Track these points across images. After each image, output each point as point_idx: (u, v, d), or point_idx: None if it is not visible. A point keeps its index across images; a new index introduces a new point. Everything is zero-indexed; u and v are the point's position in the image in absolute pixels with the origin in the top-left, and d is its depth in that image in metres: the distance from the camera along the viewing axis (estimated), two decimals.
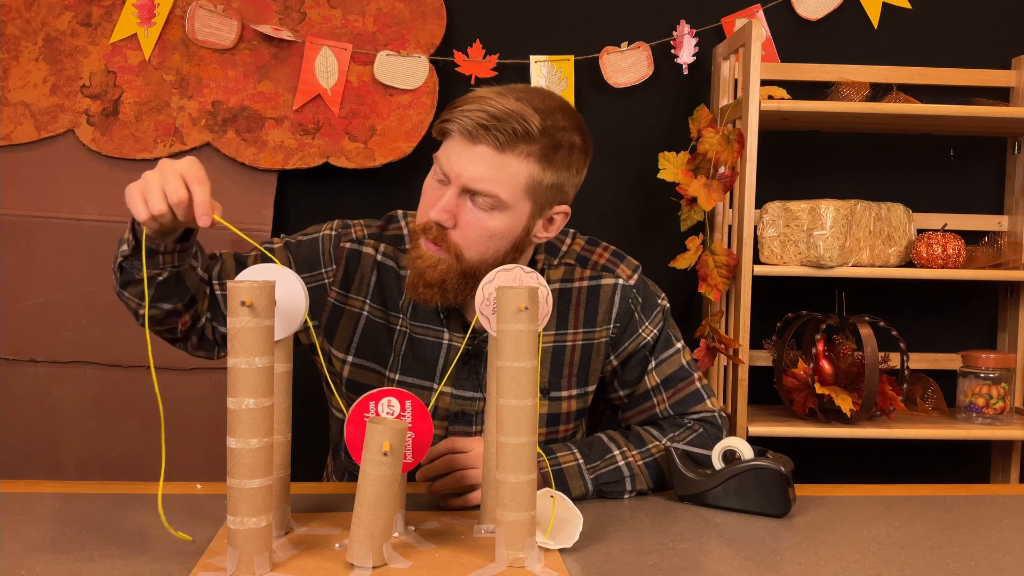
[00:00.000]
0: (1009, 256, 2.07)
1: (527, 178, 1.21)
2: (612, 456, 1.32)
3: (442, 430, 1.39)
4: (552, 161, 1.22)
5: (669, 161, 1.99)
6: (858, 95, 2.05)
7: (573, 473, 1.29)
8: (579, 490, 1.29)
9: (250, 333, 0.97)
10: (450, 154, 1.22)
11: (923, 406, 2.11)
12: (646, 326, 1.39)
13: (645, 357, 1.40)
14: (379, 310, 1.37)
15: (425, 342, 1.37)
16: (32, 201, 2.08)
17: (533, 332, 1.04)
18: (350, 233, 1.39)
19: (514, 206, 1.23)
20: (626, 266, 1.41)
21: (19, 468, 2.07)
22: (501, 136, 1.18)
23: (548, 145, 1.21)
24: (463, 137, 1.20)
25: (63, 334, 2.09)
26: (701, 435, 1.39)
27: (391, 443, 1.01)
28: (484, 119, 1.17)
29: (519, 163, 1.20)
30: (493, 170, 1.20)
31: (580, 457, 1.30)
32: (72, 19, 2.07)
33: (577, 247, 1.42)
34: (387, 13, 2.11)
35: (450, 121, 1.20)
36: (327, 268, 1.36)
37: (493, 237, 1.24)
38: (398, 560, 1.04)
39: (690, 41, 2.15)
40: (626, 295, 1.38)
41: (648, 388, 1.41)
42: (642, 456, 1.34)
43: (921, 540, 1.17)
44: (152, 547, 1.08)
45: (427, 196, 1.27)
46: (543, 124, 1.20)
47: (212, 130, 2.09)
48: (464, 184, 1.21)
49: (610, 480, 1.31)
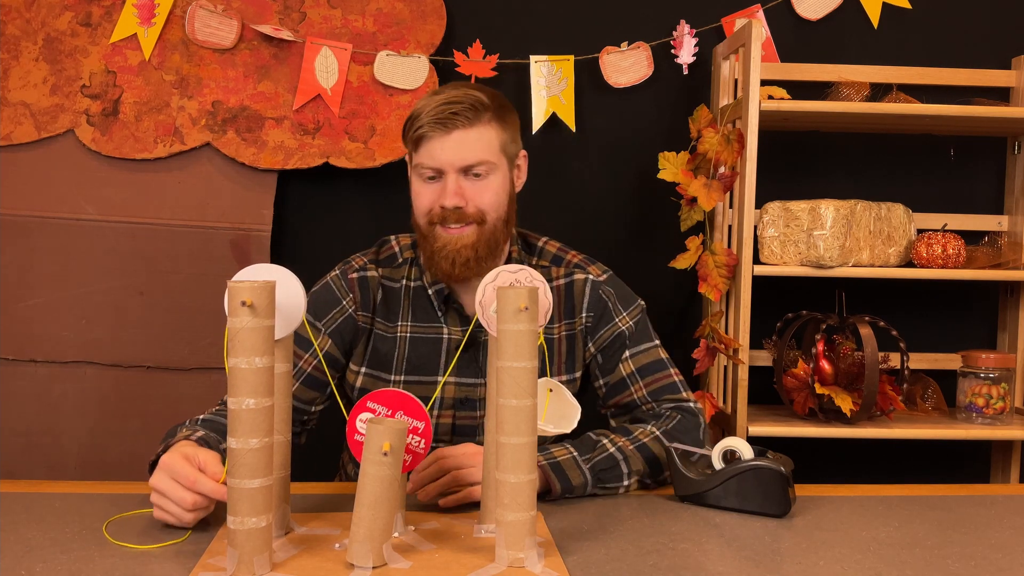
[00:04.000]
0: (1009, 256, 2.07)
1: (498, 139, 1.42)
2: (602, 445, 1.37)
3: (449, 418, 1.49)
4: (505, 120, 1.43)
5: (669, 161, 1.99)
6: (858, 95, 2.04)
7: (570, 465, 1.33)
8: (578, 479, 1.32)
9: (250, 333, 0.97)
10: (433, 151, 1.39)
11: (923, 406, 2.11)
12: (623, 316, 1.51)
13: (622, 345, 1.50)
14: (382, 323, 1.51)
15: (426, 340, 1.49)
16: (32, 201, 2.08)
17: (533, 332, 1.04)
18: (352, 265, 1.53)
19: (498, 163, 1.42)
20: (597, 267, 1.55)
21: (19, 468, 2.07)
22: (468, 114, 1.37)
23: (497, 108, 1.42)
24: (439, 132, 1.38)
25: (63, 334, 2.09)
26: (680, 423, 1.44)
27: (391, 443, 1.01)
28: (448, 110, 1.37)
29: (487, 130, 1.40)
30: (474, 143, 1.39)
31: (573, 450, 1.35)
32: (72, 19, 2.07)
33: (552, 248, 1.57)
34: (387, 13, 2.11)
35: (422, 127, 1.38)
36: (346, 299, 1.50)
37: (499, 193, 1.43)
38: (398, 560, 1.04)
39: (690, 41, 2.15)
40: (596, 287, 1.52)
41: (624, 376, 1.50)
42: (631, 442, 1.39)
43: (921, 540, 1.17)
44: (152, 547, 1.08)
45: (423, 195, 1.43)
46: (487, 95, 1.41)
47: (212, 130, 2.09)
48: (459, 165, 1.39)
49: (606, 467, 1.35)
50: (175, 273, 2.11)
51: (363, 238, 1.62)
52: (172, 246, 2.10)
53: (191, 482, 1.10)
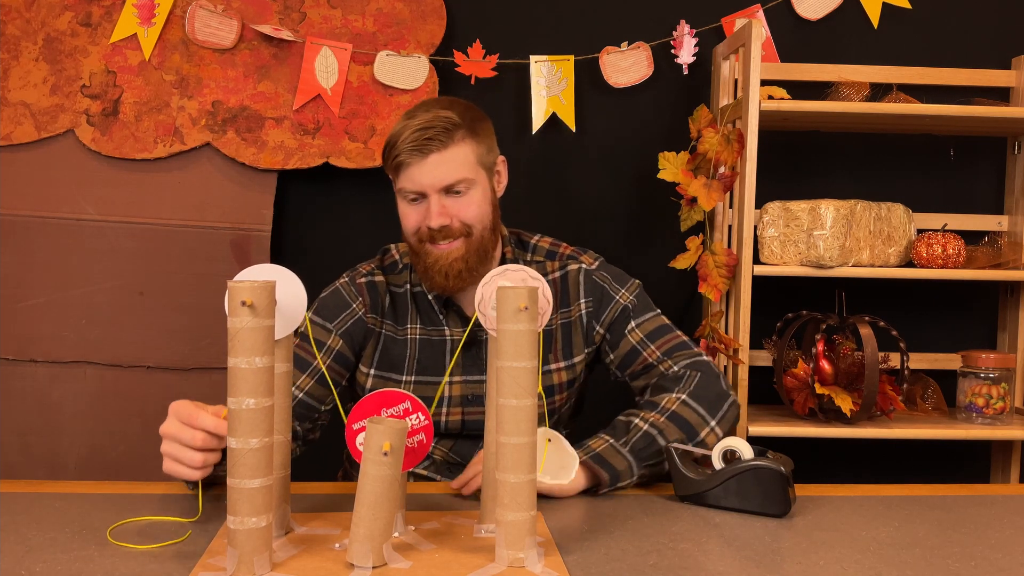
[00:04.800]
0: (1009, 256, 2.07)
1: (473, 154, 1.46)
2: (635, 425, 1.41)
3: (458, 415, 1.53)
4: (478, 133, 1.48)
5: (669, 161, 1.99)
6: (858, 95, 2.04)
7: (610, 452, 1.36)
8: (622, 464, 1.36)
9: (250, 333, 0.97)
10: (413, 176, 1.44)
11: (923, 406, 2.11)
12: (622, 292, 1.57)
13: (627, 318, 1.56)
14: (391, 326, 1.56)
15: (432, 342, 1.55)
16: (32, 201, 2.08)
17: (533, 332, 1.04)
18: (360, 272, 1.59)
19: (476, 177, 1.47)
20: (588, 256, 1.61)
21: (19, 468, 2.07)
22: (442, 137, 1.43)
23: (469, 123, 1.46)
24: (416, 158, 1.43)
25: (63, 334, 2.09)
26: (701, 380, 1.48)
27: (391, 443, 1.01)
28: (423, 136, 1.42)
29: (462, 147, 1.45)
30: (451, 163, 1.44)
31: (609, 438, 1.39)
32: (72, 19, 2.07)
33: (545, 244, 1.63)
34: (387, 13, 2.11)
35: (399, 155, 1.44)
36: (355, 302, 1.55)
37: (481, 205, 1.48)
38: (398, 560, 1.04)
39: (690, 41, 2.15)
40: (589, 275, 1.58)
41: (634, 344, 1.55)
42: (660, 413, 1.42)
43: (921, 540, 1.17)
44: (152, 547, 1.08)
45: (409, 217, 1.49)
46: (458, 113, 1.45)
47: (212, 130, 2.09)
48: (439, 186, 1.44)
49: (644, 445, 1.38)
50: (175, 273, 2.11)
51: (363, 238, 1.62)
52: (172, 246, 2.10)
53: (192, 418, 1.13)
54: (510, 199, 2.25)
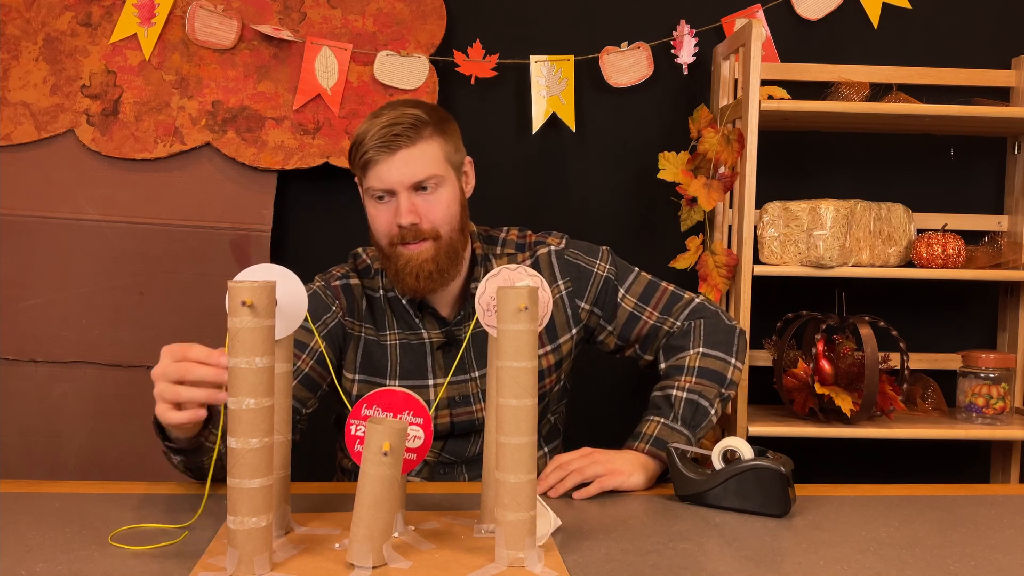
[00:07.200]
0: (1009, 256, 2.07)
1: (441, 151, 1.45)
2: (674, 396, 1.46)
3: (446, 417, 1.54)
4: (445, 131, 1.47)
5: (669, 161, 1.99)
6: (858, 95, 2.04)
7: (667, 433, 1.43)
8: (681, 438, 1.42)
9: (250, 333, 0.97)
10: (381, 173, 1.43)
11: (923, 406, 2.11)
12: (598, 264, 1.59)
13: (613, 288, 1.58)
14: (372, 330, 1.55)
15: (412, 346, 1.54)
16: (32, 201, 2.08)
17: (533, 332, 1.04)
18: (333, 275, 1.58)
19: (446, 175, 1.46)
20: (554, 237, 1.61)
21: (19, 468, 2.07)
22: (410, 133, 1.41)
23: (436, 122, 1.45)
24: (384, 155, 1.41)
25: (63, 334, 2.09)
26: (707, 326, 1.54)
27: (391, 443, 1.01)
28: (390, 132, 1.40)
29: (430, 144, 1.43)
30: (420, 160, 1.42)
31: (659, 419, 1.45)
32: (72, 19, 2.07)
33: (513, 236, 1.62)
34: (387, 13, 2.11)
35: (367, 152, 1.42)
36: (334, 305, 1.53)
37: (450, 205, 1.47)
38: (398, 560, 1.04)
39: (690, 41, 2.15)
40: (560, 255, 1.58)
41: (630, 311, 1.58)
42: (689, 375, 1.49)
43: (921, 540, 1.17)
44: (152, 547, 1.08)
45: (380, 217, 1.47)
46: (425, 111, 1.45)
47: (212, 130, 2.09)
48: (409, 183, 1.43)
49: (691, 413, 1.45)
50: (175, 273, 2.11)
51: (363, 238, 1.61)
52: (172, 246, 2.10)
53: (185, 350, 1.11)
54: (510, 199, 2.26)
